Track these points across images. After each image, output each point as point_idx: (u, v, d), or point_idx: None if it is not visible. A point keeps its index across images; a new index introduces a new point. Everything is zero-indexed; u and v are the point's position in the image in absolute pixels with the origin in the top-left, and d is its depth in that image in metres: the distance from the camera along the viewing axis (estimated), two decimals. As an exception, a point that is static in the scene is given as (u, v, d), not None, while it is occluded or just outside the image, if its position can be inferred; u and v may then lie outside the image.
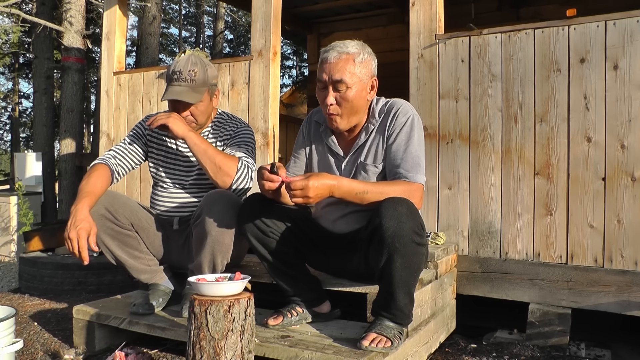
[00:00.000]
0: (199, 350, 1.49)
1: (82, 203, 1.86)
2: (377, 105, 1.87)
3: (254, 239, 1.85)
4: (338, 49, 1.76)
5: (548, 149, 2.45)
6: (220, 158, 1.97)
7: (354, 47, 1.77)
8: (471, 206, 2.63)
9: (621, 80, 2.31)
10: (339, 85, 1.74)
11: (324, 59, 1.78)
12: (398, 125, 1.80)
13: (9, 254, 5.19)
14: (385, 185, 1.72)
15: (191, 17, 22.29)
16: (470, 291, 2.59)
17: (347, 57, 1.75)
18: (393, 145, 1.79)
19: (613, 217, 2.32)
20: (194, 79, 2.05)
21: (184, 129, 1.99)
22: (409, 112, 1.83)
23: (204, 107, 2.12)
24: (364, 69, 1.77)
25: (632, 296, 2.26)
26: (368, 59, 1.80)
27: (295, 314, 1.92)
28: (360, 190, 1.66)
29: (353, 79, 1.75)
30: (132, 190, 3.66)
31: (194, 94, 2.05)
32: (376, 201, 1.65)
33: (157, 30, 7.19)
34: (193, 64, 2.08)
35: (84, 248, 1.77)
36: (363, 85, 1.78)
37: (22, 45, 10.35)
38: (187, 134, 1.98)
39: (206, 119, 2.18)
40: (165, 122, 1.99)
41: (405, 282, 1.64)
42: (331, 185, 1.61)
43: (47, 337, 2.29)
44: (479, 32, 2.64)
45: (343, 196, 1.65)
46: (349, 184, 1.66)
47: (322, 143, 1.96)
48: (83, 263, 1.80)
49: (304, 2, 5.35)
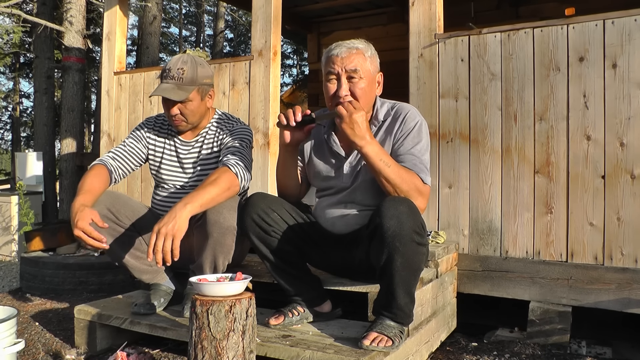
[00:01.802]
0: (200, 350, 1.50)
1: (78, 199, 1.86)
2: (381, 107, 1.89)
3: (255, 238, 1.86)
4: (347, 45, 1.83)
5: (548, 148, 2.46)
6: (220, 190, 1.83)
7: (361, 44, 1.85)
8: (471, 205, 2.63)
9: (620, 79, 2.31)
10: (354, 74, 1.79)
11: (333, 54, 1.82)
12: (407, 129, 1.82)
13: (10, 254, 5.20)
14: (406, 171, 1.74)
15: (191, 16, 22.28)
16: (471, 290, 2.60)
17: (358, 52, 1.82)
18: (401, 149, 1.81)
19: (613, 214, 2.32)
20: (181, 76, 2.06)
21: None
22: (417, 118, 1.86)
23: (194, 106, 2.11)
24: (372, 64, 1.85)
25: (633, 294, 2.27)
26: (374, 55, 1.88)
27: (296, 314, 1.92)
28: (386, 160, 1.70)
29: (365, 71, 1.81)
30: (134, 190, 3.67)
31: (179, 92, 2.05)
32: (387, 179, 1.68)
33: (158, 30, 7.18)
34: (183, 62, 2.08)
35: (91, 232, 1.76)
36: (372, 79, 1.84)
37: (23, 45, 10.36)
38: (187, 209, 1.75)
39: (198, 119, 2.17)
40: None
41: (405, 281, 1.65)
42: (368, 136, 1.68)
43: (48, 337, 2.30)
44: (478, 32, 2.64)
45: (369, 154, 1.69)
46: (379, 149, 1.71)
47: (323, 144, 1.97)
48: (102, 247, 1.81)
49: (304, 2, 5.35)
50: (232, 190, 1.87)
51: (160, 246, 1.64)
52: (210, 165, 2.19)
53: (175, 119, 2.11)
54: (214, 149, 2.19)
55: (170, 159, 2.24)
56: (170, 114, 2.10)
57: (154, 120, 2.31)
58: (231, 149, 2.04)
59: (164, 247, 1.64)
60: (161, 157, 2.25)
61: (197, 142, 2.22)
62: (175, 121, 2.12)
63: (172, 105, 2.08)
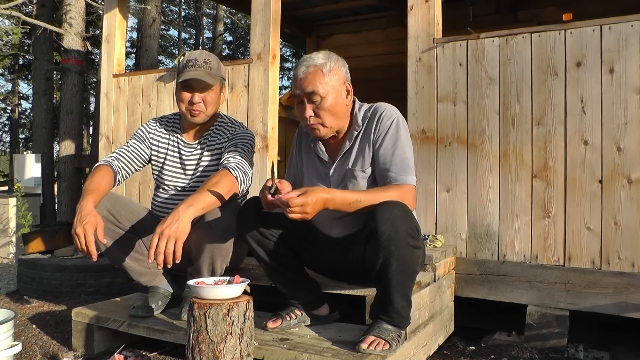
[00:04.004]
0: (198, 353, 1.50)
1: (87, 199, 1.86)
2: (360, 111, 1.88)
3: (253, 242, 1.86)
4: (305, 64, 1.80)
5: (545, 152, 2.46)
6: (221, 193, 1.83)
7: (320, 59, 1.80)
8: (469, 209, 2.64)
9: (617, 84, 2.33)
10: (313, 97, 1.77)
11: (294, 76, 1.82)
12: (383, 129, 1.81)
13: (8, 256, 5.19)
14: (378, 191, 1.73)
15: (191, 19, 22.30)
16: (469, 293, 2.60)
17: (315, 69, 1.78)
18: (380, 149, 1.80)
19: (610, 219, 2.33)
20: (210, 65, 2.13)
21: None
22: (393, 115, 1.84)
23: (214, 96, 2.16)
24: (334, 77, 1.80)
25: (630, 298, 2.27)
26: (335, 66, 1.81)
27: (294, 317, 1.93)
28: (353, 199, 1.68)
29: (325, 89, 1.77)
30: (132, 193, 3.67)
31: (210, 77, 2.11)
32: (367, 207, 1.67)
33: (157, 33, 7.20)
34: (207, 55, 2.16)
35: (90, 242, 1.76)
36: (337, 92, 1.80)
37: (22, 46, 10.37)
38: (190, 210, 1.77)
39: (212, 112, 2.19)
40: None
41: (402, 284, 1.66)
42: (325, 198, 1.62)
43: (45, 340, 2.29)
44: (476, 36, 2.65)
45: (337, 207, 1.67)
46: (341, 195, 1.67)
47: (311, 152, 1.98)
48: (92, 258, 1.80)
49: (304, 5, 5.37)
50: (232, 194, 1.88)
51: (163, 248, 1.64)
52: (211, 168, 2.19)
53: (195, 108, 2.12)
54: (216, 151, 2.19)
55: (173, 160, 2.25)
56: (193, 101, 2.12)
57: (157, 120, 2.32)
58: (233, 152, 2.05)
59: (166, 249, 1.64)
60: (164, 157, 2.26)
61: (199, 144, 2.23)
62: (195, 110, 2.13)
63: (195, 92, 2.11)
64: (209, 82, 2.09)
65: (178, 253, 1.66)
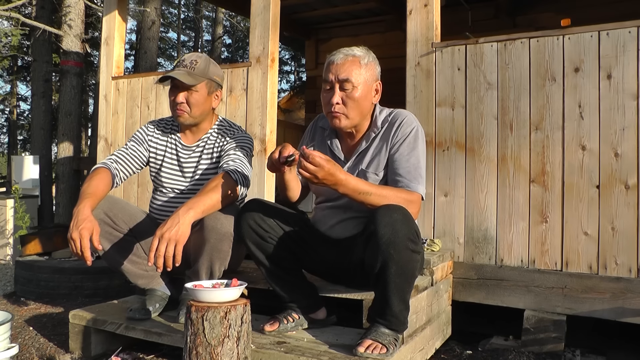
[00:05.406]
0: (195, 356, 1.50)
1: (84, 203, 1.86)
2: (380, 114, 1.90)
3: (252, 244, 1.86)
4: (344, 52, 1.84)
5: (543, 157, 2.47)
6: (220, 196, 1.84)
7: (359, 51, 1.85)
8: (467, 213, 2.64)
9: (615, 90, 2.34)
10: (345, 84, 1.80)
11: (330, 61, 1.84)
12: (403, 135, 1.83)
13: (5, 258, 5.18)
14: (388, 189, 1.74)
15: (190, 21, 22.31)
16: (466, 298, 2.61)
17: (354, 59, 1.82)
18: (396, 155, 1.82)
19: (607, 224, 2.34)
20: (194, 66, 2.12)
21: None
22: (413, 123, 1.86)
23: (199, 98, 2.13)
24: (369, 72, 1.84)
25: (627, 303, 2.28)
26: (373, 62, 1.86)
27: (291, 320, 1.92)
28: (364, 190, 1.68)
29: (358, 79, 1.80)
30: (130, 195, 3.67)
31: (189, 77, 2.09)
32: (374, 205, 1.68)
33: (156, 35, 7.20)
34: (198, 56, 2.16)
35: (86, 248, 1.76)
36: (368, 87, 1.84)
37: (21, 48, 10.36)
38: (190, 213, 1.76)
39: (200, 115, 2.17)
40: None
41: (400, 288, 1.66)
42: (340, 179, 1.63)
43: (42, 342, 2.29)
44: (475, 41, 2.66)
45: (347, 192, 1.67)
46: (355, 182, 1.68)
47: (325, 147, 1.99)
48: (86, 263, 1.79)
49: (303, 8, 5.38)
50: (231, 198, 1.88)
51: (163, 251, 1.64)
52: (209, 171, 2.20)
53: (179, 108, 2.13)
54: (214, 154, 2.20)
55: (170, 162, 2.25)
56: (176, 101, 2.12)
57: (156, 123, 2.32)
58: (232, 156, 2.05)
59: (166, 252, 1.64)
60: (162, 159, 2.26)
61: (197, 147, 2.23)
62: (179, 110, 2.13)
63: (178, 92, 2.12)
64: (187, 82, 2.07)
65: (178, 256, 1.66)
